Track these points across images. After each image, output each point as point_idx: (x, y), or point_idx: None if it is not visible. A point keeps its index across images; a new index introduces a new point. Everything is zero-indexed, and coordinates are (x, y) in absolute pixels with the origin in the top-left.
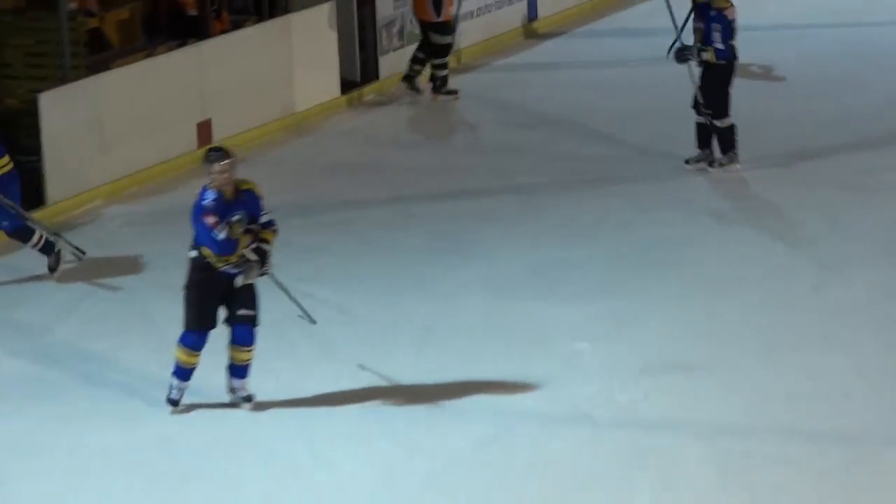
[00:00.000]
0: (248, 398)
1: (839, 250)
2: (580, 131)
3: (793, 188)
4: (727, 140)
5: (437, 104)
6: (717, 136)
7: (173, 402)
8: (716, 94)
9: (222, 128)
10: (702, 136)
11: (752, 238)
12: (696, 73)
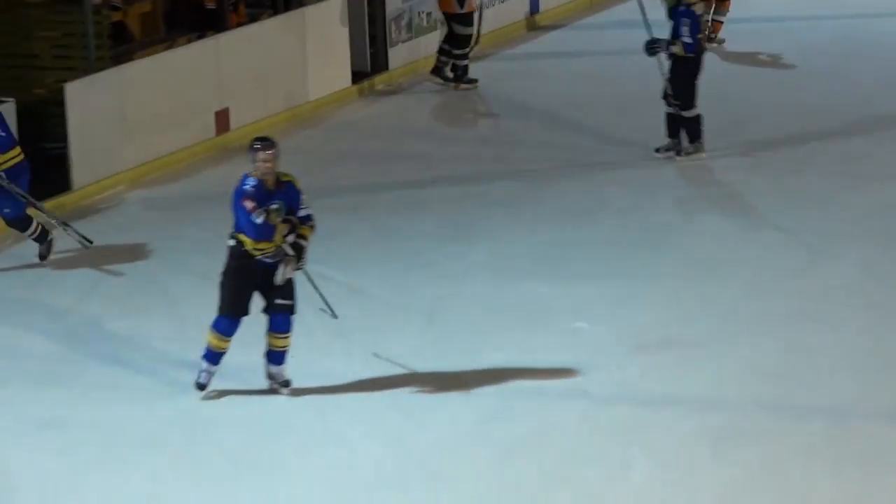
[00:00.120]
0: (286, 383)
1: (826, 234)
2: (578, 120)
3: (781, 174)
4: (694, 130)
5: (458, 92)
6: (684, 126)
7: (201, 385)
8: (683, 86)
9: (239, 116)
10: (671, 125)
11: (742, 222)
12: (666, 66)
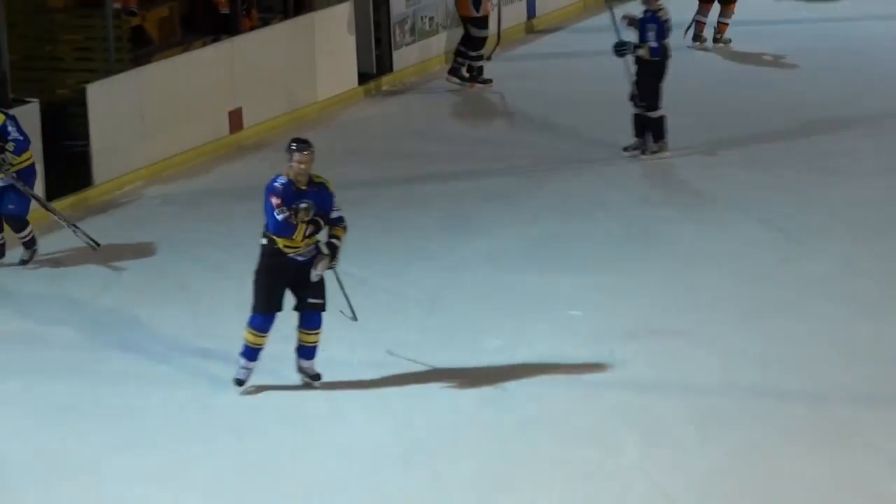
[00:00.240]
0: (317, 376)
1: (806, 226)
2: (573, 119)
3: (762, 170)
4: (658, 130)
5: (456, 93)
6: (649, 127)
7: (239, 381)
8: (649, 89)
9: (251, 116)
10: (638, 126)
11: (726, 216)
12: (633, 69)
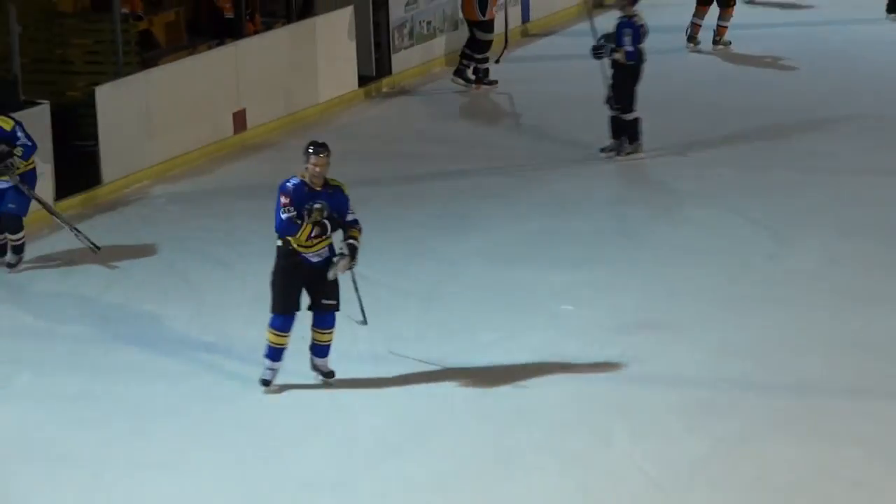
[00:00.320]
0: (330, 374)
1: (791, 223)
2: (566, 119)
3: (748, 169)
4: (633, 132)
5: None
6: (624, 129)
7: (266, 382)
8: (624, 92)
9: (255, 117)
10: (614, 128)
11: (713, 213)
12: (609, 73)
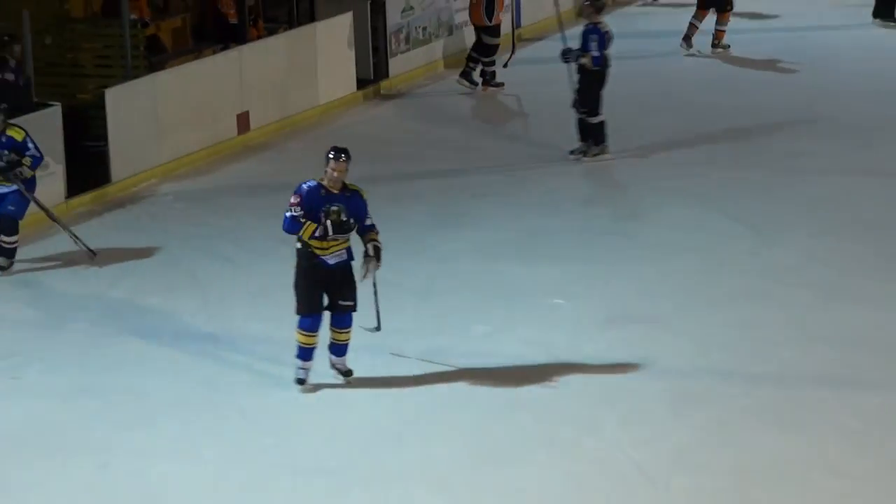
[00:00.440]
0: (349, 372)
1: (771, 221)
2: (556, 120)
3: (731, 169)
4: (599, 134)
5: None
6: (590, 131)
7: (301, 381)
8: (590, 96)
9: (258, 118)
10: (581, 130)
11: (696, 211)
12: (575, 77)
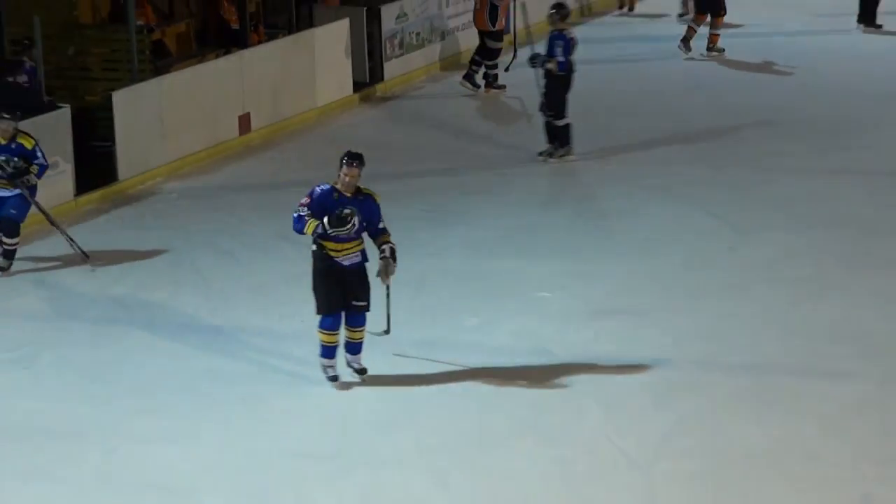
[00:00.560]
0: (363, 370)
1: (750, 218)
2: (538, 120)
3: (710, 168)
4: (564, 136)
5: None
6: (557, 134)
7: (333, 378)
8: (556, 99)
9: (258, 120)
10: (549, 132)
11: (677, 208)
12: (542, 82)
